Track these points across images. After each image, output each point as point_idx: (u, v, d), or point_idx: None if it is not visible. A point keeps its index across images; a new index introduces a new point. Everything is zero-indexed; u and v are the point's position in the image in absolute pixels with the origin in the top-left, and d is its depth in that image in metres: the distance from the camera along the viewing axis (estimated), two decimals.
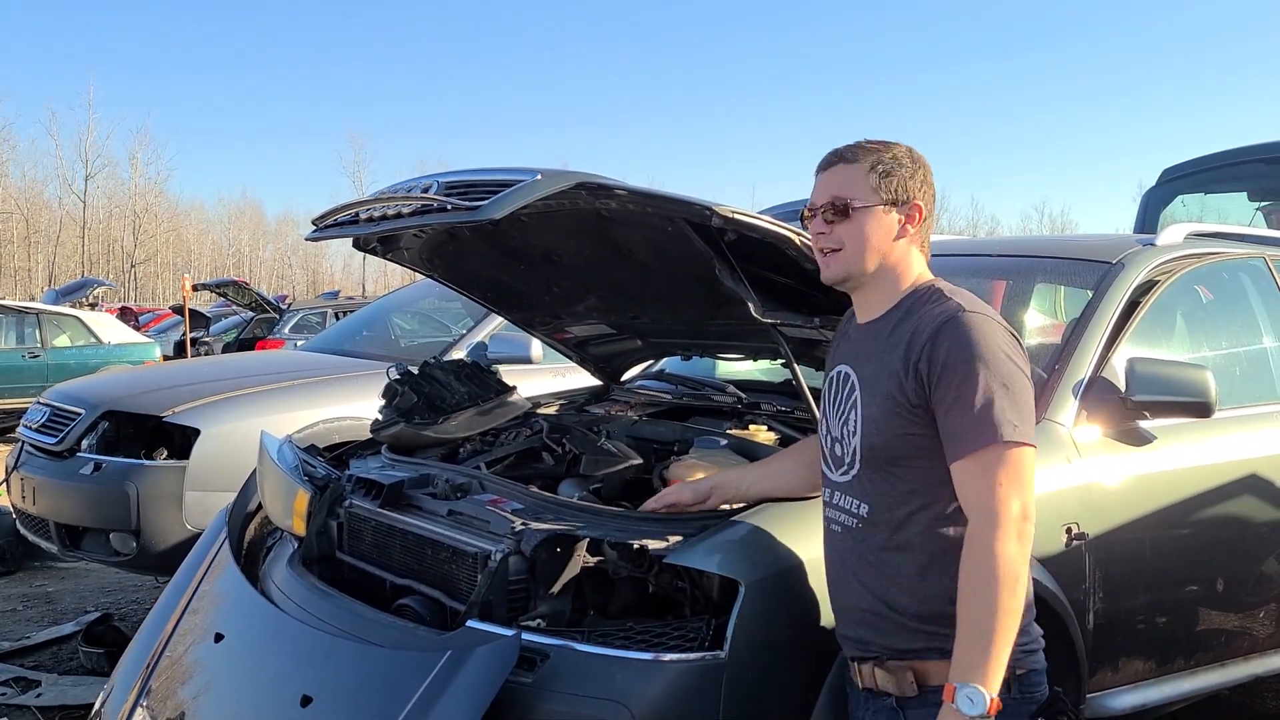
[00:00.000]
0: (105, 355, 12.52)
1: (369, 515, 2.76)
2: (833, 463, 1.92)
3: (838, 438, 1.89)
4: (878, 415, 1.78)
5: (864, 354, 1.87)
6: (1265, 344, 3.59)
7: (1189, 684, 3.05)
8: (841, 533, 1.90)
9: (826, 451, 1.94)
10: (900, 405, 1.75)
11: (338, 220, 2.67)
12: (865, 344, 1.88)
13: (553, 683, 2.08)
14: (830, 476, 1.94)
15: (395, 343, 6.89)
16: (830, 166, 1.84)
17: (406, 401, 3.16)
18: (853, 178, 1.81)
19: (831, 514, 1.94)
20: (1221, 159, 6.30)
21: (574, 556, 2.32)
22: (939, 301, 1.81)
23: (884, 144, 1.84)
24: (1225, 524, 3.11)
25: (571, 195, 2.36)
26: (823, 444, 1.96)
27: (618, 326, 3.47)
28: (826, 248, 1.84)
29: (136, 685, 2.85)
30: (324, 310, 16.99)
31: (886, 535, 1.81)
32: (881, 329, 1.85)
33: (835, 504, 1.92)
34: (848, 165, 1.82)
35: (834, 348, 2.04)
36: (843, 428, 1.87)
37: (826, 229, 1.83)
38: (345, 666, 2.36)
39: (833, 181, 1.83)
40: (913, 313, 1.82)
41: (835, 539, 1.93)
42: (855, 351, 1.90)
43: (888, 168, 1.81)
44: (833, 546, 1.94)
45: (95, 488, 4.78)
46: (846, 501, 1.87)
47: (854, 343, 1.92)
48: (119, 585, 5.88)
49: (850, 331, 1.97)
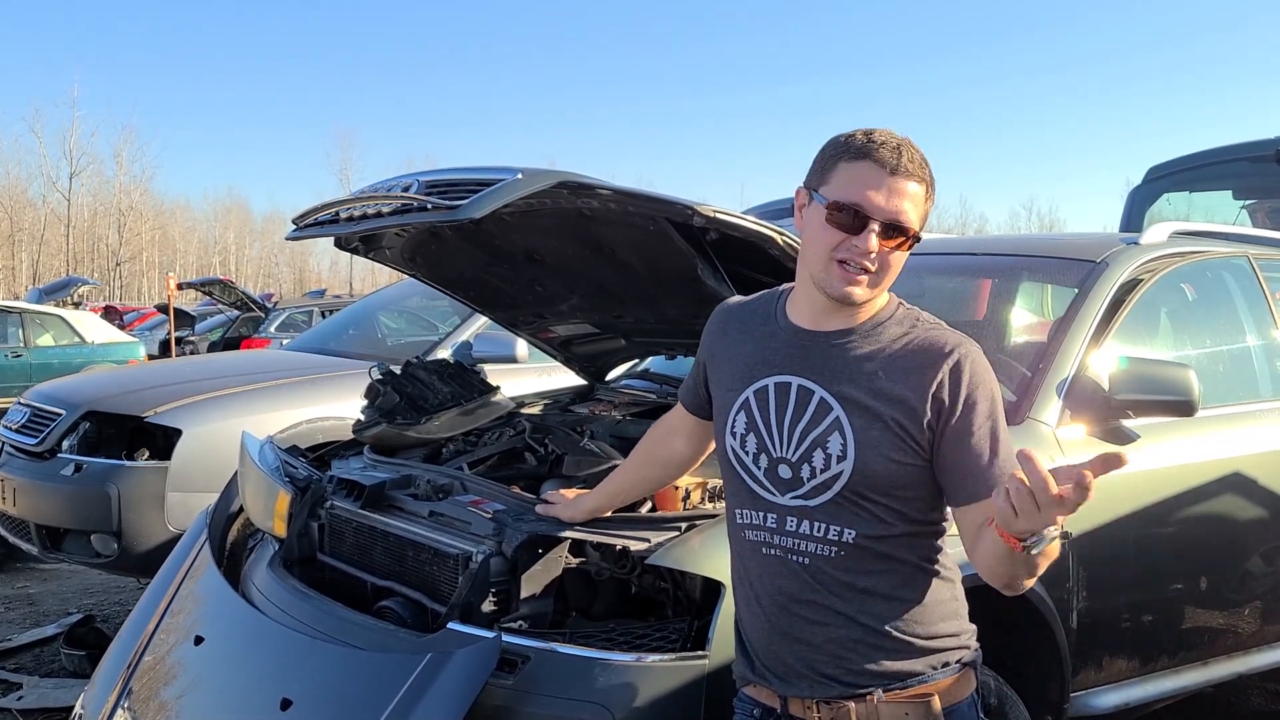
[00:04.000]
0: (89, 354, 12.42)
1: (350, 517, 2.74)
2: (777, 485, 1.66)
3: (788, 459, 1.64)
4: (880, 443, 1.59)
5: (831, 370, 1.64)
6: (1248, 342, 3.60)
7: (1172, 683, 3.06)
8: (807, 562, 1.64)
9: (759, 471, 1.67)
10: (908, 436, 1.59)
11: (318, 219, 2.65)
12: (825, 357, 1.65)
13: (533, 685, 2.07)
14: (771, 499, 1.67)
15: (381, 341, 6.87)
16: (898, 175, 1.57)
17: (389, 402, 3.14)
18: (918, 200, 1.59)
19: (782, 541, 1.66)
20: (1207, 157, 6.32)
21: (556, 558, 2.31)
22: (930, 327, 1.66)
23: (923, 157, 1.61)
24: (1208, 522, 3.12)
25: (553, 194, 2.35)
26: (746, 463, 1.69)
27: (601, 326, 3.46)
28: (865, 265, 1.58)
29: (117, 686, 2.83)
30: (310, 309, 16.90)
31: (884, 556, 1.63)
32: (848, 345, 1.65)
33: (789, 530, 1.65)
34: (917, 183, 1.59)
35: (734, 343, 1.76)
36: (805, 449, 1.63)
37: (878, 247, 1.56)
38: (325, 669, 2.34)
39: (900, 196, 1.57)
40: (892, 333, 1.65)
41: (787, 569, 1.66)
42: (808, 363, 1.66)
43: (931, 193, 1.62)
44: (782, 578, 1.67)
45: (76, 489, 4.75)
46: (813, 528, 1.64)
47: (798, 350, 1.68)
48: (101, 586, 5.84)
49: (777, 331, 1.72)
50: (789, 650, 1.68)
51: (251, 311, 17.48)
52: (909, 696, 1.64)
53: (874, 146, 1.58)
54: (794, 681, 1.68)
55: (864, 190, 1.56)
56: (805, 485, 1.63)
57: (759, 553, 1.70)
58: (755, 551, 1.70)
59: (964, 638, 1.70)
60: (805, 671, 1.66)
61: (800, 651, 1.66)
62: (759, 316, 1.77)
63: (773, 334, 1.72)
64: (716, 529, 2.25)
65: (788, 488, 1.65)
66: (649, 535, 2.25)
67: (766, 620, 1.70)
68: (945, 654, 1.66)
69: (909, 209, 1.57)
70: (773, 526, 1.67)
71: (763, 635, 1.71)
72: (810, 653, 1.66)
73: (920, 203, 1.59)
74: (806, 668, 1.66)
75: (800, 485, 1.64)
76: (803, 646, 1.66)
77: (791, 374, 1.67)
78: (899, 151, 1.57)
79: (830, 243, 1.59)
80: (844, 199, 1.57)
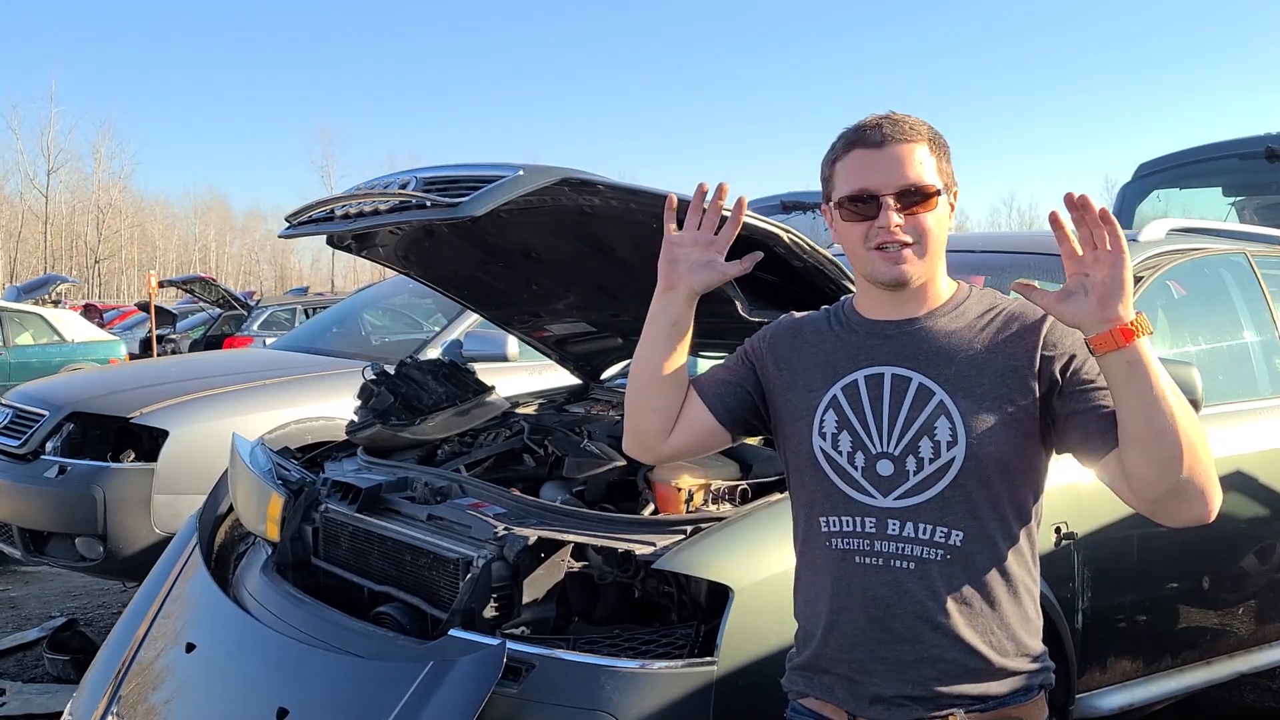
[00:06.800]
0: (69, 353, 12.29)
1: (346, 520, 2.69)
2: (877, 485, 1.56)
3: (890, 453, 1.55)
4: (990, 421, 1.51)
5: (923, 354, 1.57)
6: (1247, 339, 3.58)
7: (1176, 682, 3.04)
8: (912, 568, 1.54)
9: (856, 472, 1.57)
10: (1018, 409, 1.52)
11: (312, 217, 2.60)
12: (914, 343, 1.58)
13: (539, 693, 2.03)
14: (868, 502, 1.56)
15: (366, 340, 6.80)
16: (887, 145, 1.54)
17: (383, 402, 3.09)
18: (920, 158, 1.54)
19: (883, 547, 1.55)
20: (1196, 154, 6.32)
21: (558, 562, 2.27)
22: (1013, 300, 1.61)
23: (917, 120, 1.59)
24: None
25: (554, 191, 2.30)
26: (840, 463, 1.59)
27: (598, 324, 3.42)
28: (900, 241, 1.53)
29: (107, 693, 2.78)
30: (293, 307, 16.78)
31: (990, 563, 1.54)
32: (935, 327, 1.58)
33: (891, 534, 1.55)
34: (910, 144, 1.55)
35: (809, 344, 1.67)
36: (909, 440, 1.54)
37: (904, 218, 1.53)
38: (323, 677, 2.29)
39: (899, 162, 1.53)
40: (976, 309, 1.60)
41: (887, 578, 1.55)
42: (898, 351, 1.58)
43: (939, 149, 1.58)
44: (880, 588, 1.55)
45: (60, 491, 4.68)
46: (918, 530, 1.53)
47: (883, 341, 1.60)
48: (85, 590, 5.75)
49: (855, 327, 1.64)
50: (875, 668, 1.56)
51: (233, 309, 17.36)
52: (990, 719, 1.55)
53: (857, 133, 1.58)
54: (870, 704, 1.57)
55: (863, 174, 1.55)
56: (911, 480, 1.54)
57: (850, 562, 1.57)
58: (845, 561, 1.58)
59: (1044, 658, 1.62)
60: (887, 693, 1.56)
61: (887, 672, 1.56)
62: (829, 321, 1.70)
63: (850, 330, 1.65)
64: (723, 533, 2.22)
65: (890, 486, 1.55)
66: (654, 539, 2.21)
67: (855, 634, 1.57)
68: (1028, 676, 1.58)
69: (916, 169, 1.54)
70: (871, 532, 1.56)
71: (844, 651, 1.59)
72: (898, 672, 1.55)
73: (926, 159, 1.55)
74: (890, 688, 1.55)
75: (905, 480, 1.54)
76: (890, 666, 1.55)
77: (882, 364, 1.59)
78: (881, 125, 1.56)
79: (858, 236, 1.56)
80: (849, 191, 1.56)
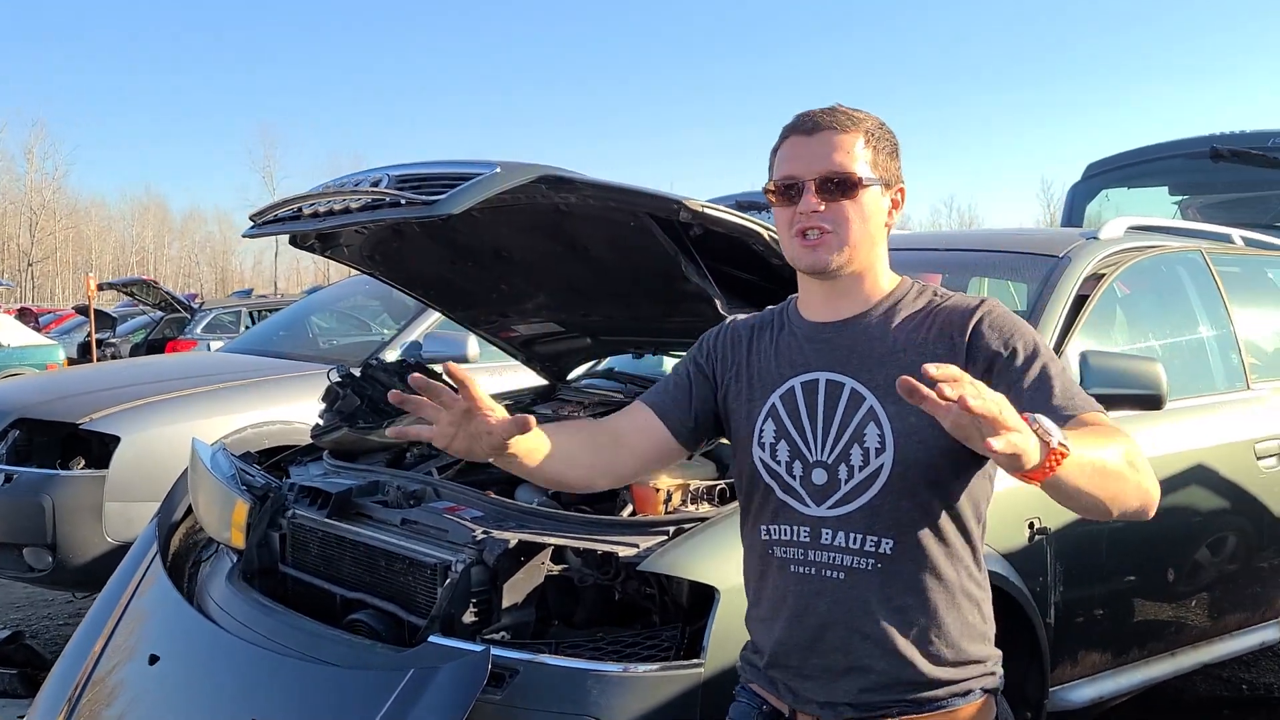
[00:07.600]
0: (6, 358, 11.96)
1: (315, 526, 2.63)
2: (812, 494, 1.56)
3: (824, 461, 1.55)
4: (918, 426, 1.48)
5: (856, 358, 1.56)
6: (1203, 335, 3.65)
7: (1143, 674, 3.09)
8: (843, 577, 1.54)
9: (794, 481, 1.57)
10: None
11: (278, 216, 2.53)
12: (848, 346, 1.58)
13: (524, 699, 2.00)
14: (804, 511, 1.56)
15: (315, 342, 6.69)
16: (817, 132, 1.55)
17: (349, 405, 3.03)
18: (848, 147, 1.55)
19: (816, 556, 1.56)
20: (1145, 154, 6.42)
21: (538, 565, 2.24)
22: (948, 296, 1.61)
23: (863, 113, 1.59)
24: (1172, 514, 3.15)
25: (530, 189, 2.27)
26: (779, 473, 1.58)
27: (567, 324, 3.39)
28: (818, 227, 1.54)
29: (63, 709, 2.69)
30: (238, 310, 16.46)
31: (923, 572, 1.54)
32: (869, 329, 1.58)
33: (824, 544, 1.55)
34: (841, 133, 1.55)
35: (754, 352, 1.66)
36: (841, 448, 1.54)
37: (820, 205, 1.53)
38: (298, 687, 2.24)
39: (826, 149, 1.54)
40: (911, 309, 1.59)
41: (820, 587, 1.56)
42: (832, 356, 1.58)
43: (878, 142, 1.58)
44: (814, 598, 1.56)
45: (7, 500, 4.54)
46: (849, 539, 1.54)
47: (819, 345, 1.60)
48: (28, 601, 5.58)
49: (794, 330, 1.64)
50: (809, 674, 1.58)
51: (176, 312, 17.00)
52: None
53: (794, 123, 1.60)
54: (808, 703, 1.59)
55: (791, 161, 1.58)
56: (842, 488, 1.54)
57: (787, 570, 1.58)
58: (783, 570, 1.59)
59: (990, 664, 1.61)
60: (819, 698, 1.57)
61: (819, 678, 1.57)
62: (771, 325, 1.69)
63: (790, 334, 1.64)
64: (707, 533, 2.20)
65: (823, 495, 1.55)
66: (636, 540, 2.18)
67: (790, 640, 1.59)
68: (968, 681, 1.57)
69: (840, 157, 1.55)
70: (805, 541, 1.57)
71: (782, 654, 1.60)
72: (829, 678, 1.56)
73: (853, 148, 1.55)
74: (822, 694, 1.57)
75: (837, 489, 1.54)
76: (822, 673, 1.57)
77: (817, 370, 1.59)
78: (817, 114, 1.58)
79: (785, 221, 1.58)
80: (777, 176, 1.59)
